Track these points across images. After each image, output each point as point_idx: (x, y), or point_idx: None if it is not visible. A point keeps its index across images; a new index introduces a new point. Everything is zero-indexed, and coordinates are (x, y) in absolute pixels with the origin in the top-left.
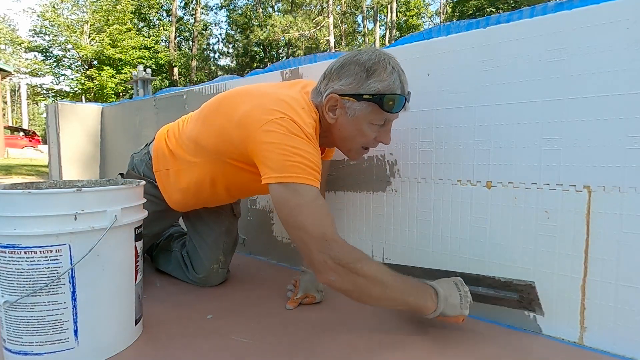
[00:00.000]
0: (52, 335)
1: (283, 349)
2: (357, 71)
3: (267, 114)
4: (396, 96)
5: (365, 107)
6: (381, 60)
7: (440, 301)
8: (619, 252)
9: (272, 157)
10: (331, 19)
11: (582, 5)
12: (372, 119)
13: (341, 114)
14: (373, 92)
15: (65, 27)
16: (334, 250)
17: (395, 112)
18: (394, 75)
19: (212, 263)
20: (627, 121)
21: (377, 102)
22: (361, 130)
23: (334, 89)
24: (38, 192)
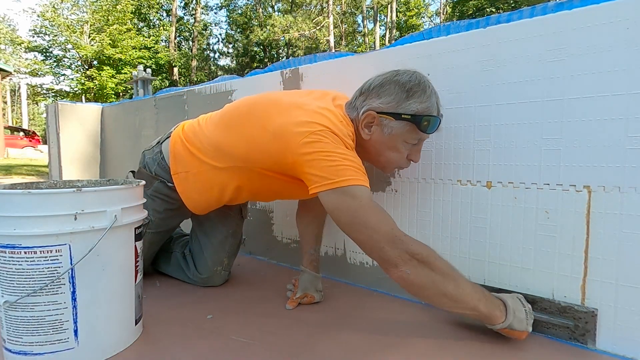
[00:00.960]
0: (52, 335)
1: (283, 349)
2: (397, 91)
3: (306, 127)
4: (432, 117)
5: (402, 126)
6: (421, 83)
7: (509, 313)
8: (619, 252)
9: (320, 165)
10: (331, 19)
11: (582, 5)
12: (407, 138)
13: (376, 130)
14: (412, 112)
15: (65, 27)
16: (406, 244)
17: (430, 132)
18: (432, 99)
19: (216, 265)
20: (627, 121)
21: (414, 122)
22: (396, 148)
23: (372, 107)
24: (38, 192)
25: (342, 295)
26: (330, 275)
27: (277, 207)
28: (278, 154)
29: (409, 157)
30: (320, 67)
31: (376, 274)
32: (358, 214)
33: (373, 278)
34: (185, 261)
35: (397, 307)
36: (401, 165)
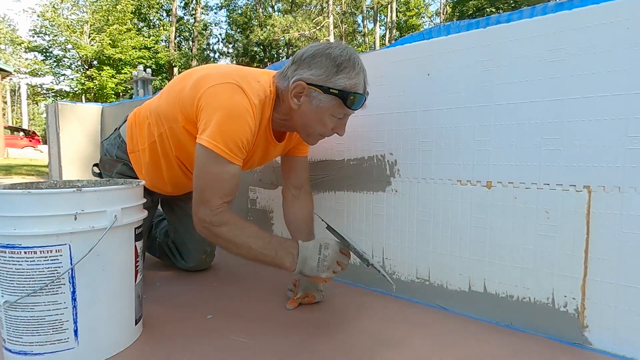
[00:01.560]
0: (52, 335)
1: (283, 349)
2: (328, 64)
3: (220, 79)
4: (358, 95)
5: (329, 100)
6: (351, 59)
7: (299, 263)
8: (619, 252)
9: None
10: (331, 19)
11: (582, 5)
12: (334, 112)
13: (305, 101)
14: (340, 88)
15: (65, 27)
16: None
17: (355, 109)
18: (360, 76)
19: (201, 254)
20: (627, 121)
21: (341, 97)
22: (322, 120)
23: (303, 77)
24: (38, 192)
25: (342, 295)
26: None
27: (277, 207)
28: (191, 101)
29: (334, 130)
30: None
31: (376, 273)
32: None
33: (373, 278)
34: (171, 252)
35: (397, 307)
36: (325, 136)
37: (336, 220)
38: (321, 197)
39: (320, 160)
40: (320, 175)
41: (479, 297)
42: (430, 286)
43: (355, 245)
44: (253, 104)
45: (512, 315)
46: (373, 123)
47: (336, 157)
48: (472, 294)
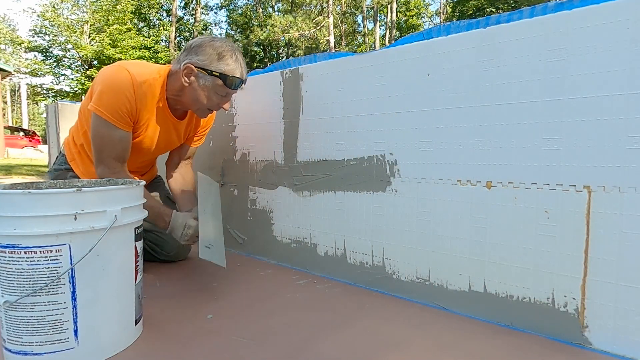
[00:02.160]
0: (52, 335)
1: (283, 349)
2: (211, 53)
3: (111, 65)
4: (235, 78)
5: (212, 81)
6: (230, 51)
7: (170, 228)
8: (619, 252)
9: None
10: (331, 19)
11: (582, 5)
12: (217, 90)
13: (194, 81)
14: (220, 71)
15: (65, 27)
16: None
17: (234, 89)
18: (237, 64)
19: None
20: (627, 121)
21: (222, 79)
22: (208, 97)
23: (191, 61)
24: (38, 192)
25: (342, 295)
26: (330, 275)
27: (277, 207)
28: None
29: (220, 105)
30: (320, 67)
31: (376, 274)
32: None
33: (373, 278)
34: (151, 249)
35: (397, 307)
36: (213, 109)
37: (336, 220)
38: (321, 197)
39: (320, 160)
40: (320, 175)
41: (479, 297)
42: (430, 286)
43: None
44: (135, 81)
45: (512, 315)
46: (373, 123)
47: (336, 157)
48: (472, 294)
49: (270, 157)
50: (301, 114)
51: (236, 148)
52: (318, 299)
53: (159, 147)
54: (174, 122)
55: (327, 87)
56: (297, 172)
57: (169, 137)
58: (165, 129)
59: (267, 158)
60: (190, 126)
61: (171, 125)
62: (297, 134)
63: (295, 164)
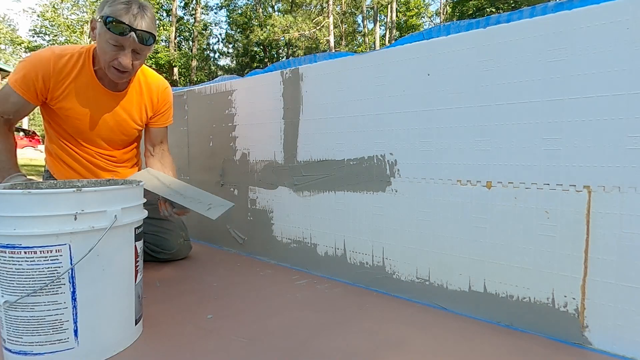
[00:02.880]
0: (52, 335)
1: (283, 349)
2: (104, 2)
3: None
4: (115, 20)
5: (101, 27)
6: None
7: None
8: (619, 252)
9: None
10: (331, 19)
11: (582, 5)
12: (107, 38)
13: (96, 34)
14: (105, 14)
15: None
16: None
17: (115, 33)
18: (123, 6)
19: (178, 239)
20: (627, 121)
21: (104, 21)
22: (102, 48)
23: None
24: (38, 192)
25: (342, 295)
26: (330, 275)
27: (277, 207)
28: None
29: (116, 58)
30: (320, 67)
31: (376, 274)
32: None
33: (373, 278)
34: (149, 250)
35: (397, 307)
36: (114, 65)
37: (336, 220)
38: (321, 197)
39: (320, 160)
40: (320, 175)
41: (479, 297)
42: (430, 286)
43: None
44: (54, 54)
45: (512, 315)
46: (373, 123)
47: (336, 157)
48: (472, 294)
49: (270, 157)
50: (301, 114)
51: (236, 148)
52: (318, 299)
53: (105, 124)
54: (109, 94)
55: (327, 87)
56: (297, 172)
57: (113, 113)
58: (100, 102)
59: (267, 158)
60: (141, 104)
61: (107, 98)
62: (297, 134)
63: (295, 164)
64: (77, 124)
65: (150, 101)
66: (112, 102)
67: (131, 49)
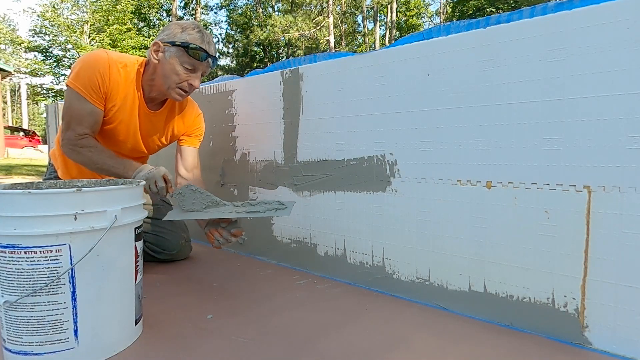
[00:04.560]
0: (52, 335)
1: (283, 349)
2: (175, 28)
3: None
4: (199, 48)
5: (177, 51)
6: (193, 25)
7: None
8: (619, 252)
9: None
10: (331, 19)
11: (582, 5)
12: (182, 61)
13: (162, 56)
14: (182, 41)
15: (65, 27)
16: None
17: (199, 60)
18: (199, 34)
19: (179, 240)
20: (627, 121)
21: (184, 47)
22: (175, 69)
23: (159, 39)
24: (38, 192)
25: (342, 295)
26: (330, 275)
27: None
28: None
29: (188, 81)
30: (320, 67)
31: (376, 273)
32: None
33: (373, 278)
34: (151, 250)
35: (397, 307)
36: (183, 87)
37: (336, 220)
38: (321, 197)
39: (320, 160)
40: (320, 175)
41: (479, 297)
42: (430, 286)
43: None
44: (112, 60)
45: (512, 315)
46: (373, 123)
47: (336, 157)
48: (472, 294)
49: (270, 157)
50: (301, 114)
51: (236, 148)
52: (318, 299)
53: (136, 137)
54: (148, 113)
55: (327, 87)
56: (297, 172)
57: (145, 128)
58: (140, 121)
59: (267, 158)
60: (171, 120)
61: (146, 116)
62: (297, 134)
63: (295, 164)
64: (113, 138)
65: (181, 123)
66: (148, 123)
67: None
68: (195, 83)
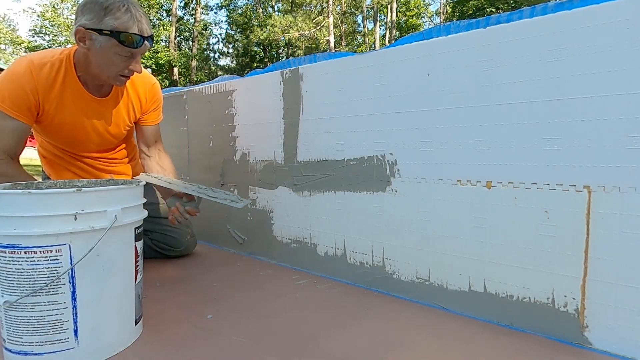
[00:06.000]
0: (52, 335)
1: (283, 349)
2: (96, 9)
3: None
4: (131, 34)
5: (107, 41)
6: (118, 2)
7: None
8: (619, 252)
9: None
10: (331, 19)
11: (582, 5)
12: (118, 51)
13: (91, 45)
14: (110, 28)
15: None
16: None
17: (134, 47)
18: (128, 16)
19: (185, 236)
20: (627, 121)
21: (115, 37)
22: (110, 60)
23: (81, 24)
24: (38, 192)
25: (342, 295)
26: (330, 275)
27: (276, 207)
28: None
29: (130, 68)
30: (320, 67)
31: (376, 273)
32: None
33: (373, 278)
34: (158, 248)
35: (397, 307)
36: (125, 74)
37: (336, 220)
38: (321, 197)
39: (320, 160)
40: (320, 175)
41: (479, 297)
42: (430, 286)
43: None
44: (33, 66)
45: (512, 315)
46: (373, 123)
47: (336, 157)
48: (472, 294)
49: (270, 157)
50: (301, 114)
51: (236, 148)
52: (318, 299)
53: (96, 131)
54: (96, 101)
55: (327, 87)
56: (297, 172)
57: (101, 117)
58: (89, 110)
59: (267, 158)
60: (127, 101)
61: (95, 105)
62: (297, 134)
63: (295, 164)
64: (71, 135)
65: (137, 99)
66: (99, 108)
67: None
68: (137, 68)
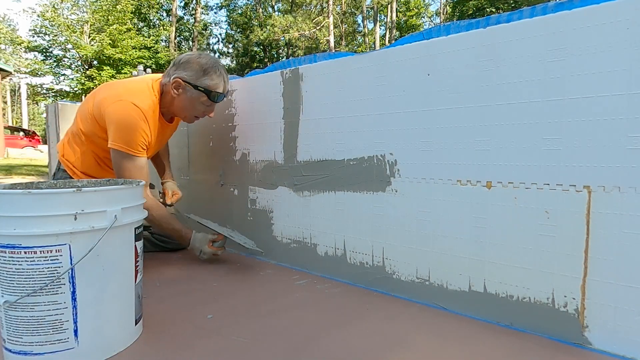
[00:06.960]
0: (52, 335)
1: (283, 349)
2: (197, 69)
3: (114, 99)
4: (218, 93)
5: (198, 93)
6: (214, 67)
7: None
8: (619, 252)
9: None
10: (331, 19)
11: (582, 5)
12: (203, 102)
13: (182, 92)
14: (204, 86)
15: (65, 27)
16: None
17: (217, 101)
18: (220, 79)
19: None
20: (627, 121)
21: (206, 93)
22: (194, 107)
23: (179, 76)
24: (38, 192)
25: (342, 295)
26: (330, 275)
27: (276, 207)
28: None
29: (205, 114)
30: (320, 67)
31: (376, 274)
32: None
33: (373, 278)
34: (158, 241)
35: (397, 307)
36: (200, 117)
37: (336, 220)
38: (321, 197)
39: (320, 160)
40: (320, 175)
41: (479, 297)
42: (430, 286)
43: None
44: (144, 112)
45: (512, 315)
46: (373, 123)
47: (336, 157)
48: (472, 294)
49: (270, 157)
50: (301, 114)
51: (236, 148)
52: (318, 299)
53: (158, 147)
54: (167, 126)
55: (327, 87)
56: (297, 172)
57: (164, 137)
58: (164, 133)
59: (267, 158)
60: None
61: (166, 129)
62: (297, 134)
63: (295, 164)
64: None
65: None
66: (167, 130)
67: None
68: (212, 115)
